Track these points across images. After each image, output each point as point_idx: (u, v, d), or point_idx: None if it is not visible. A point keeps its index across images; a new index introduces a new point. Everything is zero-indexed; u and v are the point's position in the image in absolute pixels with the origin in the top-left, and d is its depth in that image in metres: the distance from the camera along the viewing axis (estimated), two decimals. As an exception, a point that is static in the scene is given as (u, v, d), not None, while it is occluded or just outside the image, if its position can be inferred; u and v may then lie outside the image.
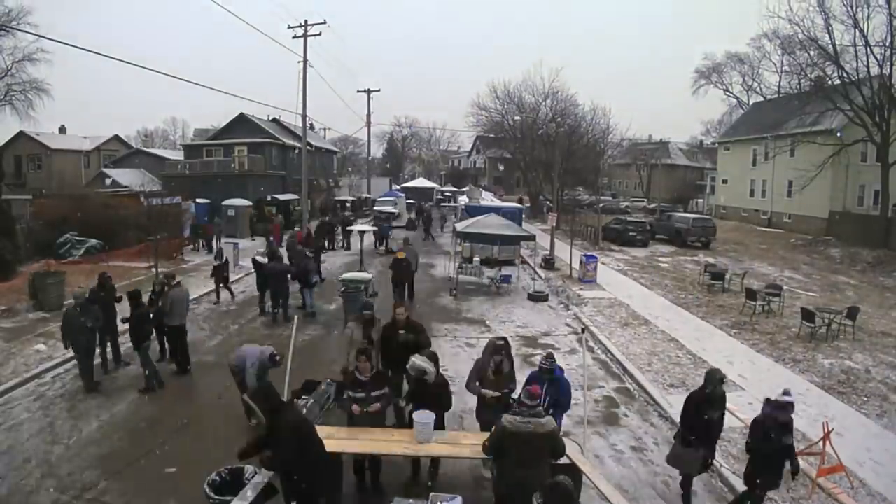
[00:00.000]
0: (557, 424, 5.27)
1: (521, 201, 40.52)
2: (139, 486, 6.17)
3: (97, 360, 9.31)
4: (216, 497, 5.00)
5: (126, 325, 9.25)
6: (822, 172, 28.14)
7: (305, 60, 25.49)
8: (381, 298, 13.94)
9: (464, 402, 7.47)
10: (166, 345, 10.19)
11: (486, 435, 5.49)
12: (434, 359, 6.11)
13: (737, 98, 50.65)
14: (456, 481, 6.16)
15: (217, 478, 5.23)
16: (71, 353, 9.14)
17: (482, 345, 8.08)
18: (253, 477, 5.01)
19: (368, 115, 41.94)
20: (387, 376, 6.24)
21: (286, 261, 14.53)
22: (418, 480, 6.19)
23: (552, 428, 4.74)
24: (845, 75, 27.20)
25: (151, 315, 9.49)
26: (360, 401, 5.78)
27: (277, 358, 7.40)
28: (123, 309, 9.48)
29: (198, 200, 28.92)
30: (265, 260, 13.78)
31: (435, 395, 5.90)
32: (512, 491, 4.52)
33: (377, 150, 73.90)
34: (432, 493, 4.77)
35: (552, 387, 5.93)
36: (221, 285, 15.02)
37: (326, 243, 23.38)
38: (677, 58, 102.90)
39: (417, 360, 5.88)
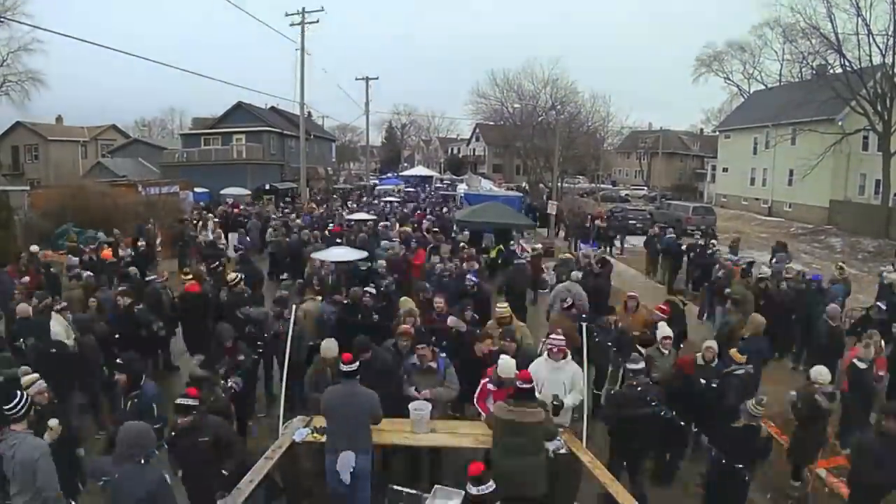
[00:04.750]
0: None
1: (525, 192, 40.32)
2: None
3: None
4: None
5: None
6: (823, 161, 28.05)
7: (303, 48, 25.35)
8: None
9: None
10: None
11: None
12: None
13: (737, 86, 50.32)
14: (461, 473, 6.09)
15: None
16: None
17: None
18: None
19: (367, 104, 41.57)
20: None
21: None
22: (419, 471, 6.08)
23: (542, 418, 4.77)
24: (847, 64, 27.06)
25: None
26: None
27: None
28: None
29: (196, 189, 28.80)
30: None
31: None
32: (503, 481, 4.07)
33: (376, 139, 73.65)
34: (436, 486, 4.73)
35: None
36: None
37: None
38: (678, 45, 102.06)
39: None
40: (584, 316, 8.02)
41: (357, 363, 5.05)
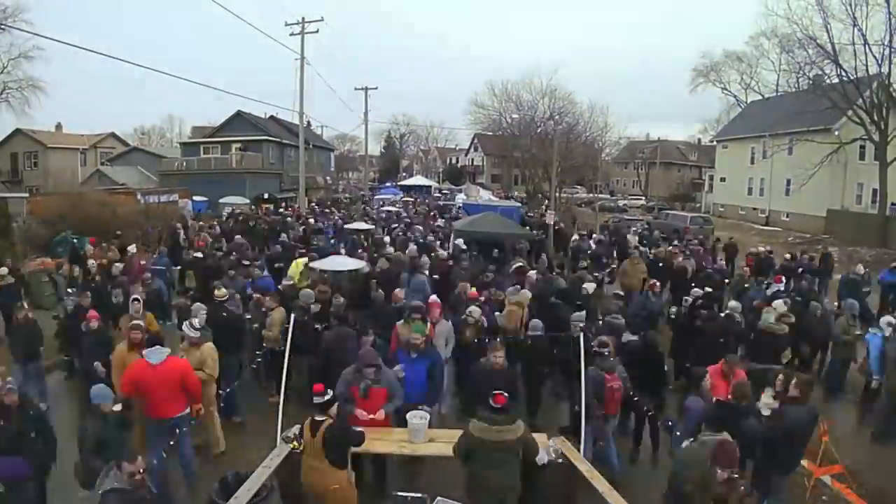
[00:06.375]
0: None
1: (523, 202, 40.42)
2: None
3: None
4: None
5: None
6: (819, 171, 28.12)
7: (303, 58, 25.46)
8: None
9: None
10: None
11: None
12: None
13: (735, 96, 50.52)
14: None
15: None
16: None
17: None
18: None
19: (366, 113, 41.82)
20: None
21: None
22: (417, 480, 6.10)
23: (522, 433, 4.73)
24: (844, 74, 27.20)
25: None
26: None
27: None
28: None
29: (195, 198, 28.82)
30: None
31: None
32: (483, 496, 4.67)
33: (375, 148, 73.93)
34: (439, 498, 4.71)
35: None
36: None
37: None
38: (675, 56, 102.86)
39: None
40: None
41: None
